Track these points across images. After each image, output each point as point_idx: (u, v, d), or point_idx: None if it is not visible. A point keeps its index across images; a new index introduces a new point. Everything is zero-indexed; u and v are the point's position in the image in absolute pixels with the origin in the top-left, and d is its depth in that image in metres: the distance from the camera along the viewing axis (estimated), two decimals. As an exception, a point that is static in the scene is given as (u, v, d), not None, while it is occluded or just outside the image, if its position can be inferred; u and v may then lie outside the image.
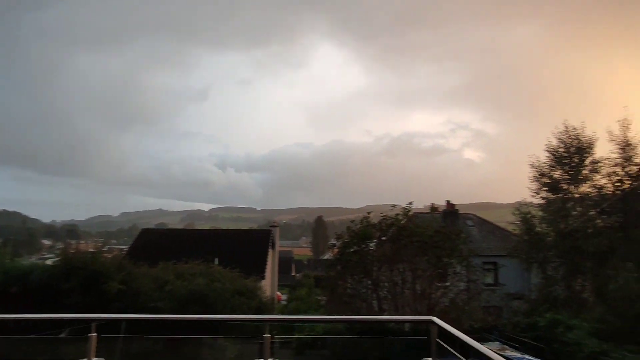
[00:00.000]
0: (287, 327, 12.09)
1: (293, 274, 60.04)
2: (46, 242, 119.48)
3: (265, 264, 20.46)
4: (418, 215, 23.23)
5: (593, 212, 15.00)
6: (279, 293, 33.29)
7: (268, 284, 21.76)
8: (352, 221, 14.76)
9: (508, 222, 19.60)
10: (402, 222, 13.74)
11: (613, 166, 14.65)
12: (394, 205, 15.48)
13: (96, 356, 3.18)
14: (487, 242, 23.28)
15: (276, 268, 24.81)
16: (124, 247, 40.53)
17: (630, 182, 14.15)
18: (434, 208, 26.15)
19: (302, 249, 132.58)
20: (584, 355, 9.27)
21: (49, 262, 14.42)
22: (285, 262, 56.61)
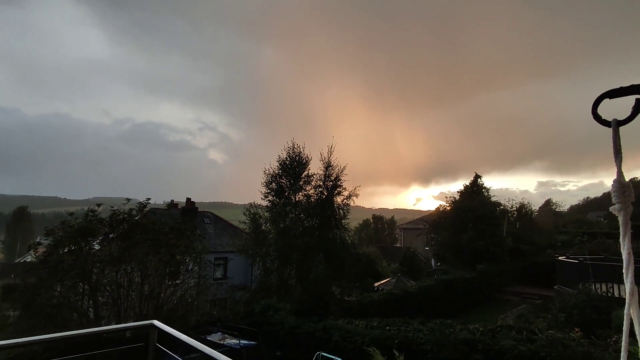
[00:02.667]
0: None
1: (-37, 284, 43.27)
2: None
3: None
4: (156, 211, 22.01)
5: (302, 215, 18.87)
6: None
7: None
8: (72, 214, 12.31)
9: (240, 221, 21.66)
10: (136, 217, 12.63)
11: (318, 180, 19.01)
12: (128, 199, 14.05)
13: None
14: (221, 239, 24.88)
15: None
16: None
17: (326, 193, 18.77)
18: (173, 204, 25.50)
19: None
20: (285, 331, 11.43)
21: None
22: (-49, 269, 40.27)
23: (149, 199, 12.89)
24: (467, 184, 26.91)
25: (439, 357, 8.19)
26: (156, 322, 3.37)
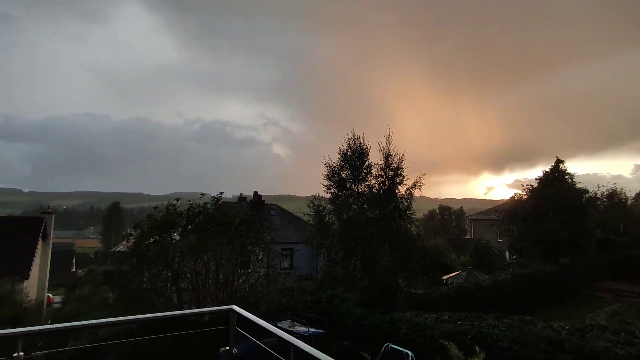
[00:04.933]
0: (61, 337, 9.97)
1: (74, 269, 50.22)
2: None
3: (32, 261, 16.33)
4: (227, 204, 23.42)
5: (365, 206, 18.74)
6: (50, 295, 27.40)
7: (34, 285, 17.50)
8: (155, 207, 13.54)
9: (304, 213, 22.16)
10: (210, 210, 13.53)
11: (379, 170, 18.69)
12: (202, 194, 15.08)
13: None
14: (287, 231, 25.74)
15: (48, 264, 20.13)
16: None
17: (388, 183, 18.39)
18: (242, 198, 26.87)
19: (88, 241, 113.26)
20: (352, 321, 11.50)
21: None
22: (64, 257, 46.86)
23: (221, 193, 13.72)
24: (547, 169, 24.55)
25: (518, 356, 7.64)
26: (235, 307, 3.55)
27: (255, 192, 26.76)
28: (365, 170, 18.87)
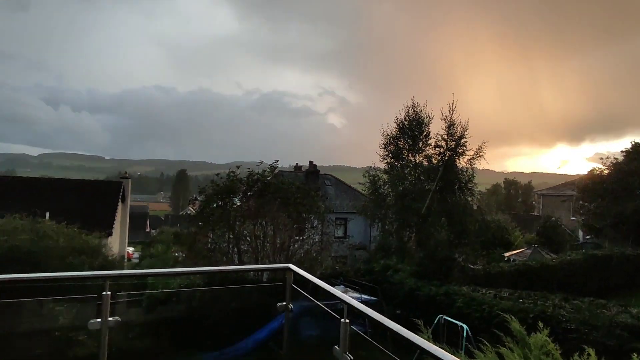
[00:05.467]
0: (138, 285, 11.25)
1: (148, 230, 55.61)
2: None
3: (113, 220, 18.30)
4: (283, 173, 24.08)
5: (422, 178, 18.14)
6: (129, 250, 30.60)
7: (116, 242, 19.67)
8: (217, 174, 14.32)
9: (359, 183, 22.06)
10: (268, 178, 14.00)
11: (440, 141, 17.82)
12: (261, 162, 15.59)
13: None
14: (341, 201, 25.96)
15: (127, 224, 22.47)
16: None
17: (449, 154, 17.52)
18: (298, 167, 27.40)
19: (160, 204, 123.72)
20: (405, 291, 11.48)
21: None
22: (139, 218, 51.96)
23: (277, 161, 14.07)
24: (638, 141, 21.67)
25: (586, 340, 7.11)
26: (292, 266, 3.66)
27: (311, 162, 27.09)
28: (423, 140, 18.12)
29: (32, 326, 6.86)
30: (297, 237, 13.65)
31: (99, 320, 2.82)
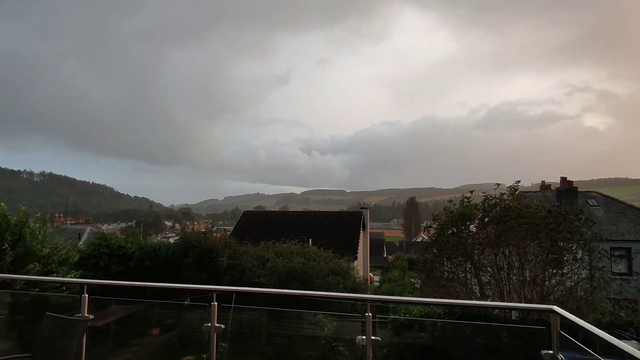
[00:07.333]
0: (381, 307, 12.04)
1: (385, 255, 59.82)
2: (168, 223, 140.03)
3: (357, 245, 20.66)
4: (525, 194, 20.93)
5: None
6: (371, 274, 33.54)
7: (360, 265, 22.00)
8: (450, 201, 13.91)
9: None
10: (507, 201, 12.46)
11: None
12: (497, 184, 14.14)
13: (216, 322, 3.52)
14: (617, 225, 19.89)
15: (367, 249, 24.90)
16: (229, 227, 44.91)
17: None
18: (545, 186, 23.24)
19: (393, 231, 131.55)
20: None
21: (171, 240, 16.69)
22: (377, 244, 56.69)
23: (518, 181, 12.40)
24: None
25: None
26: (557, 308, 3.03)
27: (563, 178, 22.41)
28: None
29: (308, 332, 8.43)
30: (554, 271, 11.27)
31: (364, 337, 3.13)
